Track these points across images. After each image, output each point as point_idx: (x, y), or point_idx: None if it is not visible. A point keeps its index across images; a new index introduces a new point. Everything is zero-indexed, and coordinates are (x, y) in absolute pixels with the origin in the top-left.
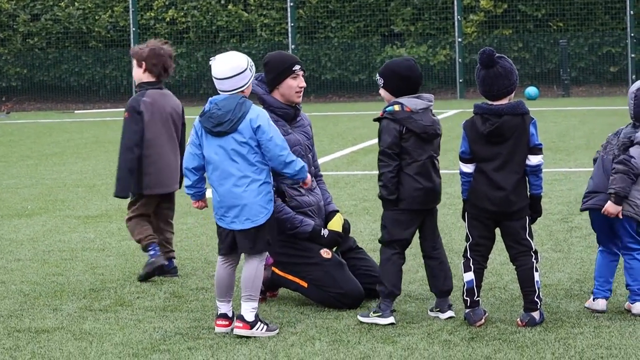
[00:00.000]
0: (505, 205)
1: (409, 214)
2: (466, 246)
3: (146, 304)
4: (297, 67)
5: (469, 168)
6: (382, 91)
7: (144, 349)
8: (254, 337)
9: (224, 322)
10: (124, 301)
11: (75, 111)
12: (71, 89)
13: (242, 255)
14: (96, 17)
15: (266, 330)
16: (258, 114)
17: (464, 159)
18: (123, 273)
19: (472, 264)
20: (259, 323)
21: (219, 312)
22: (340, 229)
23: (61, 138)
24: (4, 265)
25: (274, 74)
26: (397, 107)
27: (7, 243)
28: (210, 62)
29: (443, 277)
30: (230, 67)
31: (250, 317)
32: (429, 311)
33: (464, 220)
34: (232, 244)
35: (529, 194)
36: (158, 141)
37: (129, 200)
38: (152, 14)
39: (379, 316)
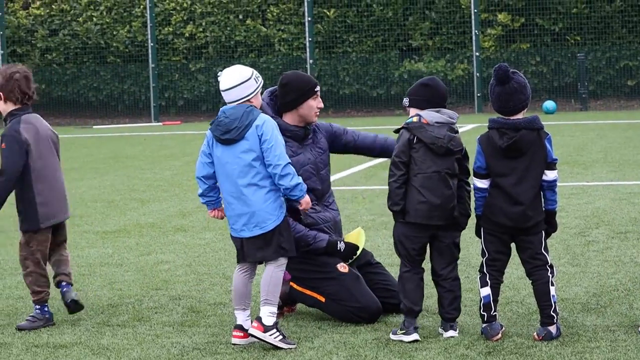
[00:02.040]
0: (522, 221)
1: (415, 228)
2: (482, 261)
3: (164, 319)
4: (317, 87)
5: (484, 184)
6: (410, 110)
7: None
8: (269, 343)
9: (239, 334)
10: (142, 316)
11: (94, 126)
12: (89, 104)
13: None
14: (114, 32)
15: (280, 340)
16: (264, 121)
17: (478, 174)
18: (141, 288)
19: (489, 279)
20: (276, 331)
21: (235, 323)
22: (358, 242)
23: (79, 153)
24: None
25: (295, 95)
26: (415, 119)
27: None
28: (218, 78)
29: (447, 304)
30: (234, 77)
31: (268, 321)
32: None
33: (478, 237)
34: (245, 252)
35: (544, 208)
36: (51, 168)
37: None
38: (171, 29)
39: (403, 333)
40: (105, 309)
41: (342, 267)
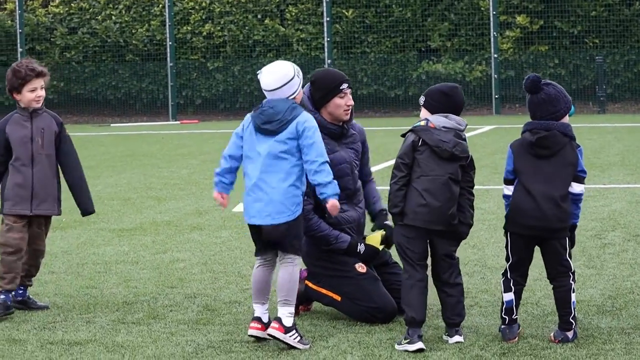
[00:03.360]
0: (548, 221)
1: (414, 231)
2: (506, 266)
3: (179, 317)
4: (344, 85)
5: (511, 191)
6: (422, 110)
7: None
8: (290, 345)
9: (257, 325)
10: (157, 314)
11: (111, 124)
12: (107, 103)
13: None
14: (133, 31)
15: (298, 342)
16: (307, 119)
17: (507, 180)
18: (156, 286)
19: (513, 285)
20: (295, 332)
21: (254, 315)
22: (378, 245)
23: (97, 151)
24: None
25: (321, 92)
26: (422, 123)
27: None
28: (258, 75)
29: (450, 310)
30: (277, 77)
31: (287, 322)
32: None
33: (506, 247)
34: (263, 245)
35: None
36: None
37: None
38: (189, 28)
39: (407, 343)
40: (120, 306)
41: (360, 267)
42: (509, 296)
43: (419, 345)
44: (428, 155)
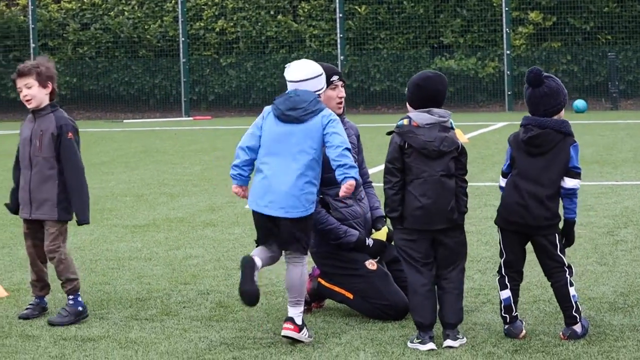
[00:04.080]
0: (532, 219)
1: (415, 233)
2: (500, 263)
3: (192, 314)
4: (335, 77)
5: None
6: (407, 104)
7: (189, 358)
8: (301, 342)
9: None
10: (170, 310)
11: (124, 120)
12: (120, 98)
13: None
14: (146, 27)
15: (307, 337)
16: (331, 113)
17: (505, 173)
18: (169, 282)
19: (508, 282)
20: (305, 328)
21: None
22: (385, 239)
23: (109, 147)
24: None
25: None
26: (405, 121)
27: None
28: (286, 68)
29: (447, 308)
30: (307, 71)
31: (299, 321)
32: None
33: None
34: (265, 234)
35: (562, 217)
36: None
37: (59, 227)
38: (202, 24)
39: (419, 342)
40: (133, 302)
41: (371, 265)
42: (506, 293)
43: (431, 346)
44: (416, 157)
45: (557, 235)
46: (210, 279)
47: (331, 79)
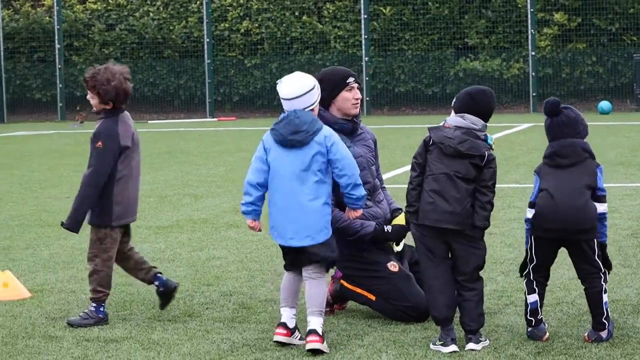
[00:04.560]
0: (570, 223)
1: (427, 230)
2: (529, 268)
3: (215, 315)
4: (350, 79)
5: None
6: (452, 113)
7: (212, 359)
8: (324, 352)
9: (282, 331)
10: (192, 312)
11: (149, 121)
12: (145, 99)
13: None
14: (171, 28)
15: (327, 346)
16: (331, 133)
17: (533, 204)
18: (192, 284)
19: (536, 286)
20: (324, 339)
21: (280, 320)
22: (404, 223)
23: None
24: (75, 275)
25: (330, 88)
26: (441, 123)
27: (78, 252)
28: (277, 85)
29: (465, 315)
30: (299, 86)
31: (321, 331)
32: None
33: (520, 274)
34: (293, 260)
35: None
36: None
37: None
38: (227, 25)
39: (441, 345)
40: (156, 304)
41: (393, 267)
42: (533, 297)
43: (453, 348)
44: (436, 153)
45: (595, 240)
46: (233, 281)
47: (347, 81)
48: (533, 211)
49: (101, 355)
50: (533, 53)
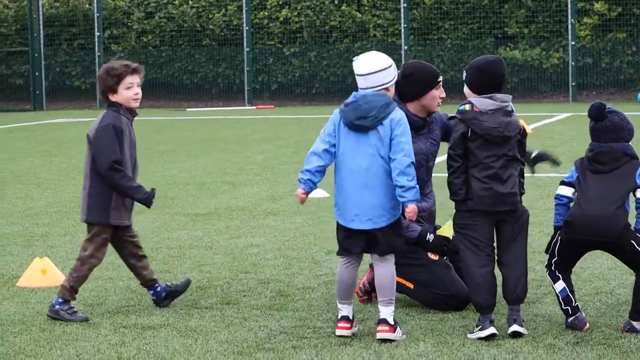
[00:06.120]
0: (602, 236)
1: (478, 216)
2: (551, 261)
3: (252, 303)
4: (440, 78)
5: (566, 190)
6: (465, 88)
7: (249, 347)
8: (395, 340)
9: (345, 325)
10: (230, 299)
11: (187, 109)
12: (184, 87)
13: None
14: (210, 16)
15: (402, 334)
16: (401, 117)
17: (566, 183)
18: (230, 271)
19: (560, 273)
20: (398, 327)
21: (340, 315)
22: (448, 235)
23: (172, 136)
24: (113, 262)
25: (419, 85)
26: (467, 107)
27: None
28: (353, 61)
29: (510, 284)
30: (375, 62)
31: (391, 320)
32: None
33: (546, 251)
34: (350, 245)
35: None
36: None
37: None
38: (266, 13)
39: (479, 329)
40: (193, 291)
41: (433, 255)
42: (560, 285)
43: (491, 330)
44: (481, 143)
45: (632, 240)
46: (270, 268)
47: (438, 79)
48: (561, 187)
49: (138, 342)
50: (573, 43)
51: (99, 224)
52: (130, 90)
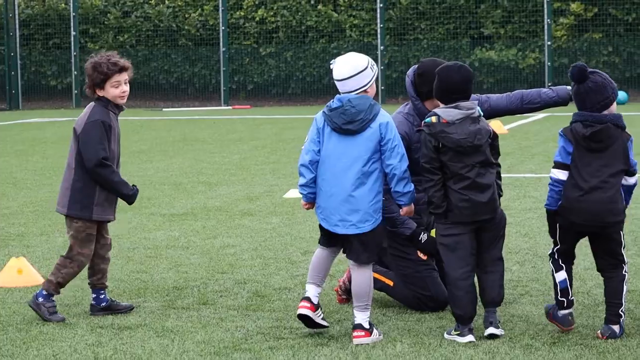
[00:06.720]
0: (599, 218)
1: (460, 227)
2: (554, 249)
3: (229, 303)
4: None
5: (563, 175)
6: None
7: (226, 347)
8: (375, 343)
9: (306, 305)
10: (206, 300)
11: (164, 109)
12: (160, 87)
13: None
14: (186, 16)
15: (379, 335)
16: (388, 121)
17: (561, 164)
18: (207, 271)
19: (563, 263)
20: (375, 329)
21: (305, 295)
22: None
23: (148, 136)
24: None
25: (430, 86)
26: (434, 119)
27: None
28: (331, 66)
29: (489, 288)
30: (351, 66)
31: (367, 324)
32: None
33: (552, 235)
34: (330, 239)
35: None
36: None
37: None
38: (242, 13)
39: (457, 334)
40: (170, 291)
41: (423, 255)
42: (562, 275)
43: (470, 338)
44: (452, 155)
45: (621, 232)
46: (247, 269)
47: None
48: (558, 171)
49: (115, 342)
50: (549, 43)
51: (81, 219)
52: (117, 89)
